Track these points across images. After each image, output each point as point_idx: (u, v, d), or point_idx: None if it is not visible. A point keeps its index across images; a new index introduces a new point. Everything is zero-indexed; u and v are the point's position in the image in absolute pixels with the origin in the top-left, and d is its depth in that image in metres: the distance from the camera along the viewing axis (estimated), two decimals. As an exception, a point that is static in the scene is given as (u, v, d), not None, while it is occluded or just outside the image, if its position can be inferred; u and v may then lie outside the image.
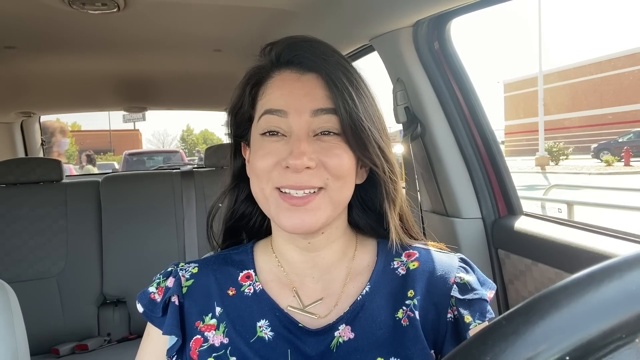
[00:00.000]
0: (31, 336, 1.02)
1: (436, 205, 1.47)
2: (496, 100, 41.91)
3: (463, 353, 0.29)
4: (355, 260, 0.66)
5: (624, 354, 0.27)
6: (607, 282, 0.28)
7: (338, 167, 0.59)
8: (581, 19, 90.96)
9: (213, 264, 0.68)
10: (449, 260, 0.66)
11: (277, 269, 0.66)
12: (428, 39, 1.34)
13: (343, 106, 0.58)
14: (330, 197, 0.59)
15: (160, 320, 0.64)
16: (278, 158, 0.58)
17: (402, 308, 0.62)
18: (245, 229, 0.73)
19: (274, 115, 0.60)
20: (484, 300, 0.62)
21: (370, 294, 0.63)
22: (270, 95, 0.61)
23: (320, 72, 0.60)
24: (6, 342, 0.88)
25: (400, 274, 0.65)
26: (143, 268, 2.15)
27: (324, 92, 0.59)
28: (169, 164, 7.65)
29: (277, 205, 0.59)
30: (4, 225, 2.06)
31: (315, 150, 0.58)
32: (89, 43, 1.73)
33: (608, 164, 18.43)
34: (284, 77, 0.62)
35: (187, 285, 0.66)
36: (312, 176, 0.58)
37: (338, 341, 0.59)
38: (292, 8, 1.35)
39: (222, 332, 0.61)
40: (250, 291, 0.64)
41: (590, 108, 29.55)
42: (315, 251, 0.64)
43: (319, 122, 0.59)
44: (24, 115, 3.03)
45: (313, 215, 0.58)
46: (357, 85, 0.61)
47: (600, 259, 0.37)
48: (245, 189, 0.69)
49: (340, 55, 0.63)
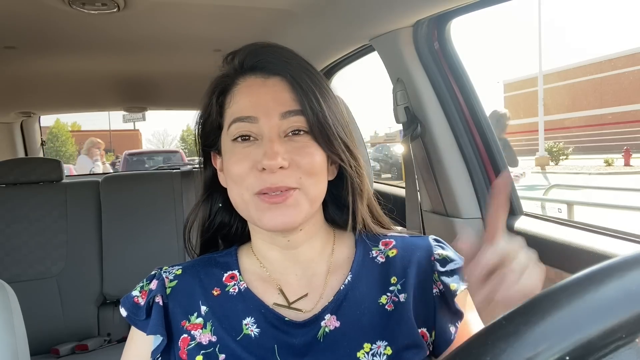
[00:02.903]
0: (31, 336, 1.02)
1: (436, 205, 1.47)
2: (496, 100, 41.90)
3: (463, 353, 0.29)
4: (335, 254, 0.68)
5: (624, 354, 0.27)
6: (607, 282, 0.28)
7: (310, 165, 0.60)
8: (581, 19, 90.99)
9: (197, 266, 0.69)
10: (424, 242, 0.69)
11: (260, 269, 0.67)
12: (428, 39, 1.34)
13: (309, 107, 0.60)
14: (306, 195, 0.61)
15: (144, 323, 0.64)
16: (253, 161, 0.60)
17: (387, 294, 0.64)
18: (225, 237, 0.73)
19: (244, 122, 0.61)
20: (462, 267, 0.64)
21: (352, 283, 0.65)
22: (238, 103, 0.63)
23: (284, 75, 0.62)
24: (6, 342, 0.88)
25: (380, 262, 0.67)
26: (143, 268, 2.11)
27: (289, 94, 0.61)
28: (169, 164, 7.64)
29: (257, 207, 0.60)
30: (4, 225, 2.06)
31: (288, 150, 0.60)
32: (89, 43, 1.73)
33: (608, 164, 18.44)
34: (250, 83, 0.63)
35: (170, 286, 0.66)
36: (286, 176, 0.59)
37: (324, 331, 0.61)
38: (292, 8, 1.35)
39: (209, 331, 0.62)
40: (235, 290, 0.65)
41: (590, 108, 29.55)
42: (295, 248, 0.66)
43: (288, 124, 0.61)
44: (24, 115, 3.03)
45: (293, 210, 0.60)
46: (321, 86, 0.63)
47: (600, 259, 0.37)
48: (218, 198, 0.70)
49: (301, 59, 0.65)
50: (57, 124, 38.02)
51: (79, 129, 46.68)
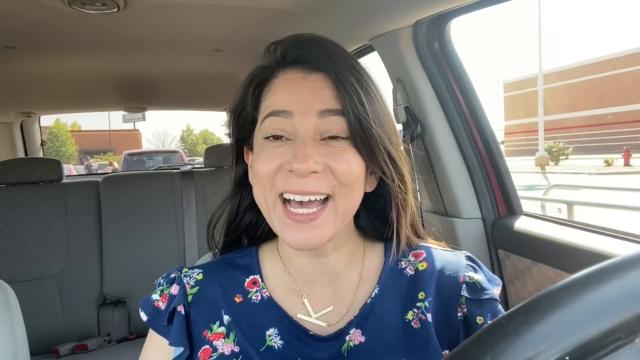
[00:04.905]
0: (31, 336, 1.02)
1: (436, 206, 1.47)
2: (496, 100, 41.91)
3: (463, 353, 0.29)
4: (365, 264, 0.65)
5: (624, 354, 0.27)
6: (607, 282, 0.28)
7: (346, 172, 0.55)
8: (581, 19, 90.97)
9: (218, 269, 0.66)
10: (457, 259, 0.65)
11: (284, 275, 0.64)
12: (428, 39, 1.34)
13: (351, 108, 0.55)
14: (337, 208, 0.56)
15: (165, 329, 0.62)
16: (281, 161, 0.55)
17: (413, 310, 0.61)
18: (251, 238, 0.70)
19: (278, 117, 0.56)
20: (495, 299, 0.61)
21: (379, 296, 0.61)
22: (274, 96, 0.58)
23: (327, 72, 0.57)
24: (6, 342, 0.88)
25: (409, 274, 0.63)
26: (143, 268, 2.14)
27: (331, 92, 0.56)
28: (168, 164, 7.65)
29: (281, 220, 0.56)
30: (4, 225, 2.06)
31: (322, 153, 0.55)
32: (89, 43, 1.73)
33: (608, 164, 18.44)
34: (290, 77, 0.58)
35: (192, 292, 0.63)
36: (319, 181, 0.54)
37: (349, 345, 0.58)
38: (292, 8, 1.35)
39: (232, 341, 0.59)
40: (258, 298, 0.62)
41: (590, 108, 29.55)
42: (323, 257, 0.62)
43: (325, 124, 0.56)
44: (23, 115, 3.03)
45: (320, 232, 0.55)
46: (366, 87, 0.57)
47: (600, 259, 0.37)
48: (247, 196, 0.66)
49: (349, 55, 0.60)
50: (57, 124, 38.06)
51: (79, 129, 46.72)
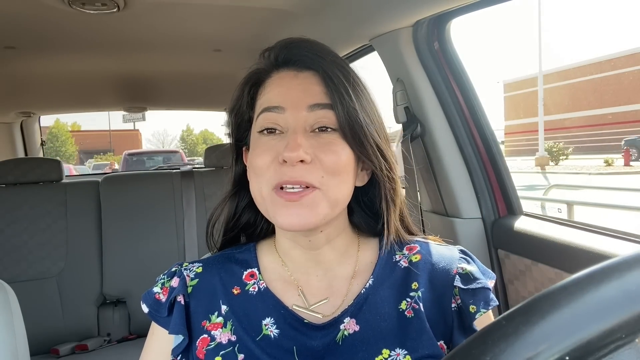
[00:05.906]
0: (31, 336, 1.02)
1: (436, 205, 1.47)
2: (496, 100, 41.91)
3: (463, 353, 0.29)
4: (360, 258, 0.67)
5: (624, 354, 0.27)
6: (607, 282, 0.28)
7: (334, 163, 0.58)
8: (581, 19, 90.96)
9: (217, 263, 0.69)
10: (450, 252, 0.67)
11: (281, 268, 0.67)
12: (428, 39, 1.34)
13: (340, 101, 0.59)
14: (326, 197, 0.58)
15: (166, 320, 0.65)
16: (275, 153, 0.58)
17: (406, 300, 0.62)
18: (249, 236, 0.72)
19: (271, 112, 0.60)
20: (487, 288, 0.63)
21: (373, 287, 0.63)
22: (268, 94, 0.62)
23: (317, 69, 0.61)
24: (6, 342, 0.88)
25: (403, 266, 0.66)
26: (143, 268, 2.15)
27: (320, 88, 0.60)
28: (168, 164, 7.65)
29: (273, 202, 0.58)
30: (4, 225, 2.06)
31: (312, 145, 0.58)
32: (89, 43, 1.73)
33: (608, 164, 18.44)
34: (282, 76, 0.63)
35: (192, 284, 0.66)
36: (307, 171, 0.57)
37: (343, 334, 0.60)
38: (292, 8, 1.35)
39: (229, 330, 0.62)
40: (255, 289, 0.65)
41: (590, 108, 29.55)
42: (316, 249, 0.64)
43: (316, 117, 0.59)
44: (23, 115, 3.03)
45: (310, 211, 0.57)
46: (354, 83, 0.61)
47: (600, 259, 0.37)
48: (246, 196, 0.69)
49: (336, 55, 0.64)
50: (57, 124, 38.06)
51: (78, 129, 46.72)
